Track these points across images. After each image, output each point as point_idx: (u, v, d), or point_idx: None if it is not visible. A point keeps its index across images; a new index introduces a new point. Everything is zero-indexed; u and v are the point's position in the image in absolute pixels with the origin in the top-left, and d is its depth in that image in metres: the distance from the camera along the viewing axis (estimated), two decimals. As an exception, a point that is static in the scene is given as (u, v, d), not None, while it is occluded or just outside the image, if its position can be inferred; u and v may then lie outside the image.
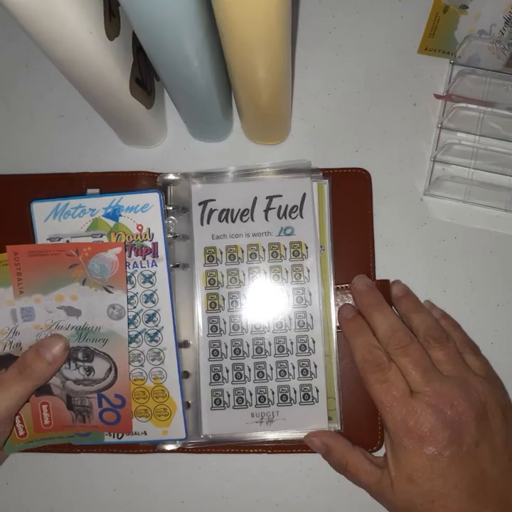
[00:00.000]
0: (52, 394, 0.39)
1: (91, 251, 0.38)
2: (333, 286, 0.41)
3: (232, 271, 0.41)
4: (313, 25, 0.48)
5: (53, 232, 0.40)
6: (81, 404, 0.39)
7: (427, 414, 0.34)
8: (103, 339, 0.39)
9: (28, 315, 0.38)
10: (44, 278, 0.38)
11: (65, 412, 0.39)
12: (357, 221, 0.43)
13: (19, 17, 0.28)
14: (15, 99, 0.48)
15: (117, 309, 0.38)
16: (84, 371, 0.39)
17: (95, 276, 0.38)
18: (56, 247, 0.38)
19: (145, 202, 0.40)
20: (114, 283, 0.38)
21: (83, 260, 0.38)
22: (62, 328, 0.38)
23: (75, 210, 0.40)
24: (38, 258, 0.38)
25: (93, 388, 0.39)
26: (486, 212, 0.44)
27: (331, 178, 0.42)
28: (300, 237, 0.41)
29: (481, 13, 0.43)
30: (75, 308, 0.38)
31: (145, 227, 0.40)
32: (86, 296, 0.38)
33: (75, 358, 0.39)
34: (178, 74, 0.36)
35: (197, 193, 0.42)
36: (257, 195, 0.42)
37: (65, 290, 0.38)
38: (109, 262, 0.38)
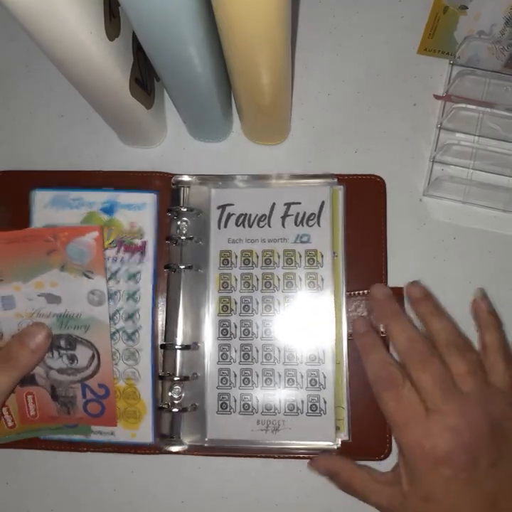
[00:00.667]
0: (37, 384, 0.39)
1: (68, 236, 0.37)
2: (345, 293, 0.41)
3: (246, 275, 0.41)
4: (313, 25, 0.48)
5: (49, 221, 0.41)
6: (65, 395, 0.39)
7: (443, 437, 0.32)
8: (84, 326, 0.39)
9: (8, 303, 0.38)
10: (23, 265, 0.38)
11: (50, 403, 0.39)
12: (370, 228, 0.43)
13: (19, 17, 0.28)
14: (15, 99, 0.48)
15: (97, 295, 0.38)
16: (68, 359, 0.39)
17: (74, 261, 0.37)
18: (33, 232, 0.38)
19: (142, 201, 0.41)
20: (93, 268, 0.38)
21: (61, 245, 0.37)
22: (43, 316, 0.38)
23: (74, 201, 0.41)
24: (15, 245, 0.37)
25: (77, 378, 0.39)
26: (485, 213, 0.44)
27: (346, 184, 0.42)
28: (316, 246, 0.41)
29: (481, 13, 0.43)
30: (55, 295, 0.38)
31: (137, 225, 0.41)
32: (66, 282, 0.38)
33: (57, 346, 0.39)
34: (178, 74, 0.36)
35: (216, 197, 0.42)
36: (276, 201, 0.42)
37: (45, 277, 0.38)
38: (87, 246, 0.38)
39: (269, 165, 0.45)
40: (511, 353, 0.37)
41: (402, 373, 0.35)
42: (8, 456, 0.42)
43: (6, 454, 0.42)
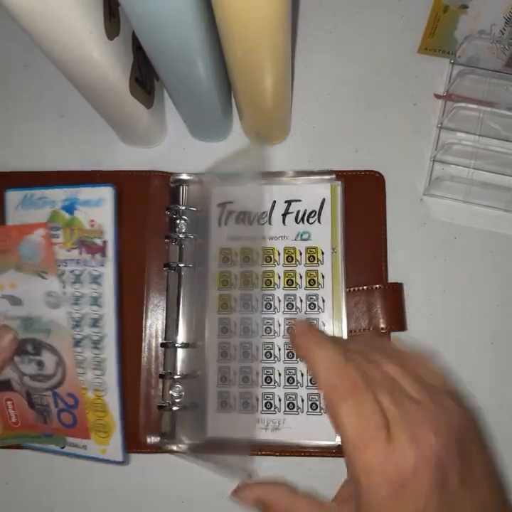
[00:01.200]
0: (13, 389, 0.39)
1: (19, 234, 0.36)
2: (345, 289, 0.41)
3: (246, 273, 0.41)
4: (313, 25, 0.48)
5: (21, 222, 0.39)
6: (40, 403, 0.39)
7: (407, 455, 0.26)
8: (46, 329, 0.37)
9: None
10: None
11: (27, 410, 0.39)
12: (370, 224, 0.43)
13: (19, 17, 0.28)
14: (14, 99, 0.48)
15: (53, 297, 0.37)
16: (36, 365, 0.38)
17: (28, 260, 0.36)
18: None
19: (99, 196, 0.38)
20: (46, 267, 0.37)
21: (13, 244, 0.36)
22: (9, 319, 0.37)
23: (38, 200, 0.39)
24: None
25: (46, 385, 0.38)
26: (486, 213, 0.44)
27: (344, 180, 0.42)
28: (316, 243, 0.41)
29: (481, 12, 0.43)
30: (16, 296, 0.37)
31: (97, 223, 0.38)
32: (23, 283, 0.37)
33: (24, 351, 0.38)
34: (178, 74, 0.36)
35: (216, 195, 0.42)
36: (276, 198, 0.42)
37: (3, 278, 0.37)
38: (37, 245, 0.37)
39: (269, 164, 0.44)
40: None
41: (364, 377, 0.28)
42: (8, 456, 0.42)
43: (6, 454, 0.42)
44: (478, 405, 0.42)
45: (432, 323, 0.43)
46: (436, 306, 0.43)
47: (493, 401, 0.42)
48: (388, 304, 0.41)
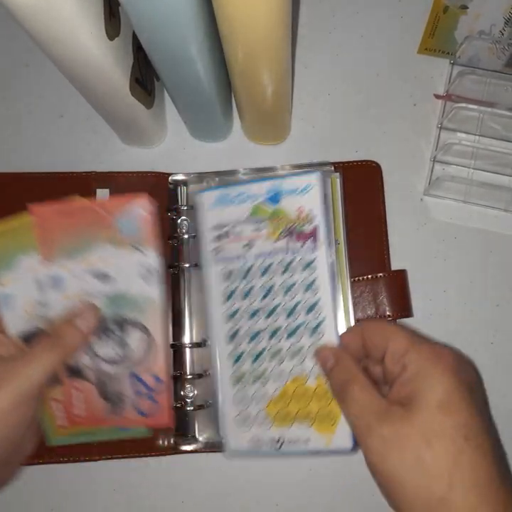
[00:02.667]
0: (84, 378, 0.36)
1: (116, 206, 0.35)
2: (350, 279, 0.41)
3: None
4: (313, 25, 0.48)
5: (217, 220, 0.39)
6: (114, 391, 0.36)
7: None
8: (136, 306, 0.35)
9: (56, 284, 0.35)
10: (72, 240, 0.34)
11: (98, 401, 0.36)
12: (369, 213, 0.43)
13: (19, 17, 0.28)
14: (15, 99, 0.48)
15: (150, 271, 0.35)
16: (118, 345, 0.36)
17: (124, 234, 0.35)
18: (84, 204, 0.35)
19: (305, 184, 0.38)
20: (145, 241, 0.35)
21: (111, 218, 0.35)
22: (92, 296, 0.35)
23: (236, 197, 0.39)
24: (64, 219, 0.34)
25: (126, 365, 0.36)
26: (486, 213, 0.44)
27: (342, 171, 0.42)
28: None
29: (481, 13, 0.43)
30: (104, 272, 0.35)
31: (306, 209, 0.37)
32: (116, 258, 0.35)
33: (106, 329, 0.36)
34: (178, 74, 0.36)
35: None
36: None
37: (94, 252, 0.35)
38: (139, 218, 0.35)
39: (269, 165, 0.44)
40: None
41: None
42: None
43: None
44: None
45: (432, 323, 0.43)
46: (436, 306, 0.43)
47: (494, 401, 0.42)
48: (393, 291, 0.42)
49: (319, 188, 0.38)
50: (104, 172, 0.44)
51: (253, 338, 0.38)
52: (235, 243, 0.39)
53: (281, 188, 0.38)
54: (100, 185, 0.44)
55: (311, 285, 0.37)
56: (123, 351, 0.36)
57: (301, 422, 0.36)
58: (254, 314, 0.38)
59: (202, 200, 0.40)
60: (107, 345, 0.36)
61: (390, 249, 0.43)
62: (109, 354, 0.36)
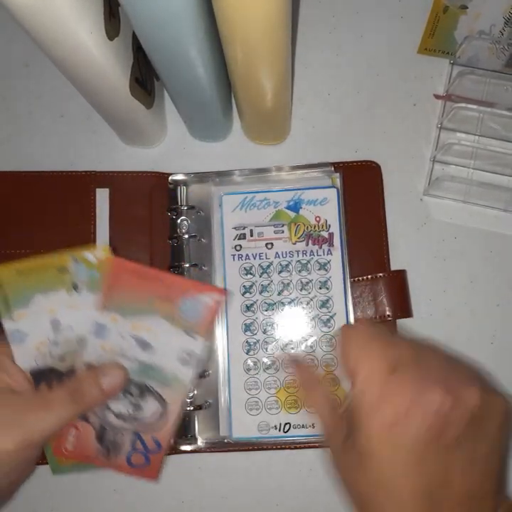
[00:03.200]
0: (87, 420, 0.36)
1: (189, 289, 0.34)
2: (349, 279, 0.42)
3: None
4: (313, 25, 0.48)
5: (239, 221, 0.42)
6: (113, 440, 0.36)
7: (404, 390, 0.29)
8: (164, 381, 0.36)
9: (100, 332, 0.35)
10: (131, 301, 0.35)
11: (92, 443, 0.36)
12: (369, 213, 0.43)
13: (20, 17, 0.28)
14: (15, 99, 0.48)
15: (191, 356, 0.35)
16: (132, 406, 0.36)
17: (183, 315, 0.35)
18: (157, 274, 0.35)
19: (323, 196, 0.42)
20: (199, 328, 0.35)
21: (176, 295, 0.35)
22: (126, 358, 0.35)
23: (260, 202, 0.42)
24: (135, 280, 0.34)
25: (133, 426, 0.36)
26: (486, 213, 0.44)
27: (342, 171, 0.43)
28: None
29: (481, 13, 0.43)
30: (147, 341, 0.35)
31: (322, 218, 0.42)
32: (164, 332, 0.35)
33: (127, 391, 0.36)
34: (178, 74, 0.36)
35: (217, 194, 0.43)
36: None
37: (146, 320, 0.35)
38: (203, 306, 0.34)
39: (269, 165, 0.44)
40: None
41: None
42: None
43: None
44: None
45: (432, 323, 0.43)
46: (436, 306, 0.43)
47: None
48: (393, 291, 0.42)
49: (336, 201, 0.42)
50: (104, 172, 0.44)
51: (268, 328, 0.41)
52: (257, 242, 0.42)
53: (302, 198, 0.43)
54: (100, 185, 0.44)
55: (325, 283, 0.41)
56: (135, 412, 0.36)
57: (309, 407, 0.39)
58: (271, 307, 0.41)
59: (227, 201, 0.43)
60: (122, 402, 0.36)
61: (389, 249, 0.43)
62: (120, 410, 0.36)
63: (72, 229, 0.43)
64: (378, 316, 0.41)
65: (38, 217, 0.43)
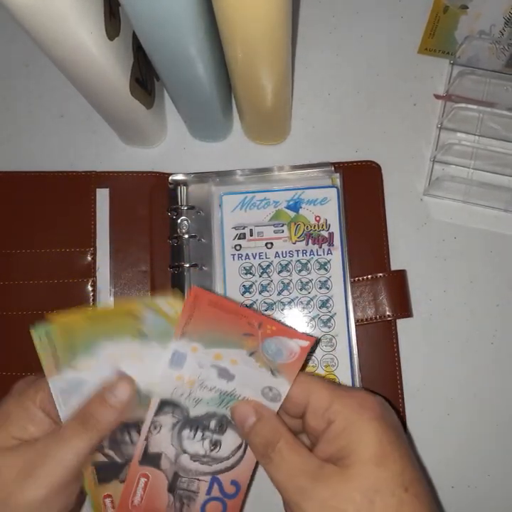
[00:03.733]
0: (159, 467, 0.33)
1: (275, 331, 0.33)
2: (349, 279, 0.42)
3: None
4: (313, 25, 0.48)
5: (239, 221, 0.42)
6: (186, 488, 0.33)
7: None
8: None
9: (177, 362, 0.33)
10: (212, 332, 0.33)
11: (163, 494, 0.33)
12: (369, 213, 0.43)
13: (19, 17, 0.28)
14: (15, 99, 0.48)
15: (274, 392, 0.33)
16: (209, 444, 0.33)
17: (267, 355, 0.33)
18: (240, 310, 0.33)
19: (323, 196, 0.42)
20: (284, 370, 0.33)
21: (262, 336, 0.33)
22: (205, 388, 0.33)
23: (260, 202, 0.43)
24: (215, 311, 0.33)
25: (210, 468, 0.33)
26: (486, 213, 0.44)
27: (342, 171, 0.43)
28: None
29: (481, 13, 0.43)
30: (229, 371, 0.33)
31: (322, 218, 0.42)
32: (247, 366, 0.33)
33: (205, 427, 0.33)
34: (179, 74, 0.36)
35: (217, 194, 0.43)
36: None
37: (228, 352, 0.33)
38: (288, 349, 0.33)
39: (269, 165, 0.44)
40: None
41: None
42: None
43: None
44: (479, 405, 0.42)
45: (432, 323, 0.43)
46: (436, 306, 0.43)
47: (494, 401, 0.42)
48: (393, 291, 0.42)
49: (336, 200, 0.42)
50: (104, 172, 0.44)
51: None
52: (257, 242, 0.42)
53: (302, 197, 0.43)
54: (100, 185, 0.44)
55: (325, 283, 0.41)
56: (213, 452, 0.33)
57: None
58: (271, 306, 0.41)
59: (227, 201, 0.43)
60: (198, 441, 0.33)
61: (390, 249, 0.43)
62: (196, 450, 0.33)
63: (72, 229, 0.43)
64: (378, 316, 0.41)
65: (38, 217, 0.43)
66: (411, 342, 0.42)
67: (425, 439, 0.42)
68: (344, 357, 0.40)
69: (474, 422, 0.42)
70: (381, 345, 0.42)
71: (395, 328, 0.42)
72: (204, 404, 0.33)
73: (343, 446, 0.28)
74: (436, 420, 0.42)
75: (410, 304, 0.42)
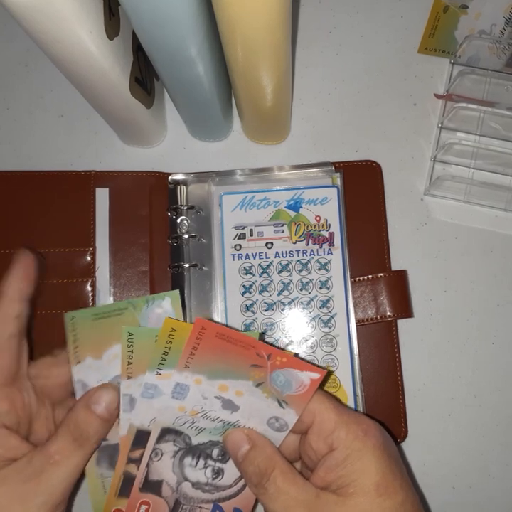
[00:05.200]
0: (160, 494, 0.32)
1: (285, 363, 0.31)
2: (350, 279, 0.42)
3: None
4: (313, 25, 0.48)
5: (239, 221, 0.42)
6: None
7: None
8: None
9: (179, 393, 0.32)
10: (218, 363, 0.32)
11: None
12: (370, 213, 0.43)
13: (19, 17, 0.28)
14: (15, 99, 0.48)
15: (280, 423, 0.32)
16: (212, 473, 0.32)
17: (275, 386, 0.32)
18: (249, 341, 0.32)
19: (324, 195, 0.42)
20: (291, 402, 0.32)
21: (270, 367, 0.32)
22: (209, 418, 0.32)
23: (260, 201, 0.42)
24: (223, 342, 0.32)
25: (212, 496, 0.32)
26: (486, 212, 0.44)
27: (342, 171, 0.43)
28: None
29: (481, 13, 0.43)
30: (234, 403, 0.32)
31: (322, 218, 0.42)
32: (253, 397, 0.32)
33: (207, 455, 0.32)
34: (178, 74, 0.36)
35: (217, 194, 0.43)
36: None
37: (234, 383, 0.32)
38: (298, 382, 0.32)
39: (269, 164, 0.44)
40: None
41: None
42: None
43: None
44: (479, 405, 0.42)
45: (432, 323, 0.43)
46: (436, 306, 0.43)
47: (494, 401, 0.42)
48: (394, 291, 0.42)
49: (336, 200, 0.42)
50: (104, 172, 0.44)
51: (268, 328, 0.41)
52: (257, 242, 0.42)
53: (302, 197, 0.42)
54: (100, 185, 0.44)
55: (325, 283, 0.41)
56: (215, 481, 0.32)
57: None
58: (271, 307, 0.41)
59: (226, 201, 0.42)
60: (200, 470, 0.32)
61: (390, 249, 0.43)
62: (198, 478, 0.32)
63: (72, 229, 0.43)
64: (379, 316, 0.41)
65: (38, 217, 0.43)
66: (411, 342, 0.42)
67: (425, 439, 0.41)
68: (345, 357, 0.40)
69: (474, 422, 0.42)
70: (382, 345, 0.41)
71: (395, 328, 0.42)
72: (207, 433, 0.32)
73: (345, 475, 0.28)
74: (436, 420, 0.42)
75: (411, 304, 0.42)
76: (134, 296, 0.42)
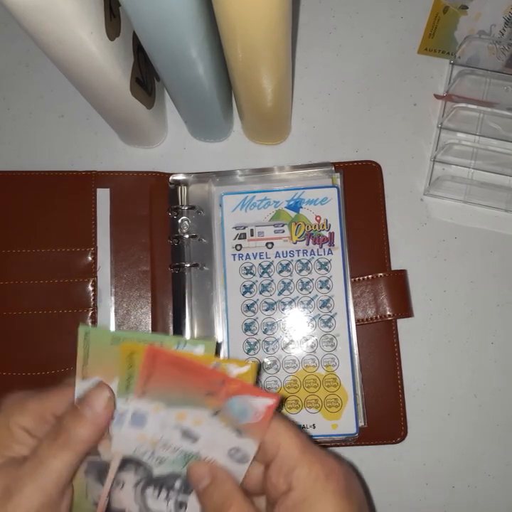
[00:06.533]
0: None
1: (237, 389, 0.31)
2: (350, 279, 0.42)
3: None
4: (313, 25, 0.48)
5: (239, 221, 0.42)
6: None
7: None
8: None
9: (137, 421, 0.31)
10: (174, 391, 0.31)
11: None
12: (369, 213, 0.43)
13: (20, 17, 0.28)
14: (15, 99, 0.48)
15: (241, 453, 0.31)
16: (174, 505, 0.31)
17: (231, 415, 0.31)
18: (199, 369, 0.31)
19: (324, 196, 0.42)
20: (250, 430, 0.31)
21: (225, 394, 0.31)
22: (169, 448, 0.31)
23: (260, 202, 0.42)
24: (175, 370, 0.31)
25: None
26: (486, 213, 0.44)
27: (343, 171, 0.43)
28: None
29: (481, 13, 0.43)
30: (193, 432, 0.31)
31: (323, 218, 0.42)
32: (212, 426, 0.31)
33: (169, 487, 0.31)
34: (179, 74, 0.36)
35: (218, 194, 0.43)
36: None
37: (192, 412, 0.31)
38: (254, 409, 0.31)
39: (269, 164, 0.44)
40: None
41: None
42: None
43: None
44: (479, 405, 0.42)
45: (432, 323, 0.43)
46: (436, 306, 0.43)
47: (494, 401, 0.42)
48: (394, 291, 0.42)
49: (336, 200, 0.42)
50: (104, 172, 0.44)
51: (268, 328, 0.41)
52: (257, 242, 0.42)
53: (302, 197, 0.42)
54: (100, 185, 0.44)
55: (325, 283, 0.41)
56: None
57: (309, 407, 0.40)
58: (271, 306, 0.41)
59: (227, 201, 0.43)
60: (163, 501, 0.32)
61: (390, 249, 0.43)
62: (161, 510, 0.32)
63: (73, 229, 0.43)
64: (379, 316, 0.41)
65: (38, 217, 0.43)
66: (411, 342, 0.42)
67: (425, 439, 0.42)
68: (345, 357, 0.40)
69: (474, 422, 0.42)
70: (381, 345, 0.42)
71: (395, 328, 0.42)
72: (169, 463, 0.31)
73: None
74: (436, 420, 0.42)
75: (411, 303, 0.42)
76: (134, 296, 0.43)
